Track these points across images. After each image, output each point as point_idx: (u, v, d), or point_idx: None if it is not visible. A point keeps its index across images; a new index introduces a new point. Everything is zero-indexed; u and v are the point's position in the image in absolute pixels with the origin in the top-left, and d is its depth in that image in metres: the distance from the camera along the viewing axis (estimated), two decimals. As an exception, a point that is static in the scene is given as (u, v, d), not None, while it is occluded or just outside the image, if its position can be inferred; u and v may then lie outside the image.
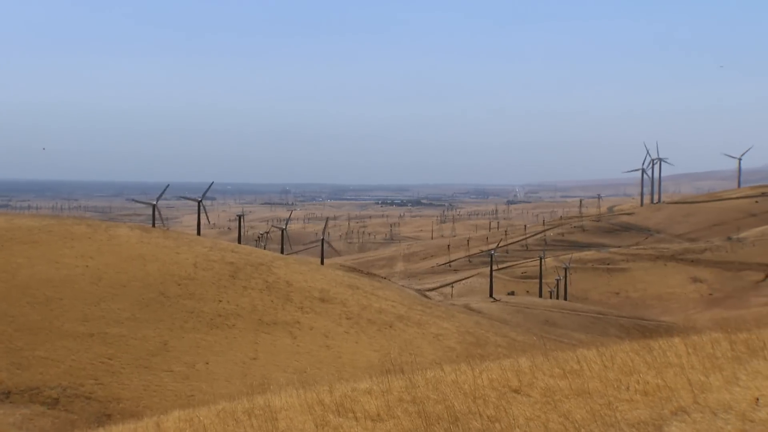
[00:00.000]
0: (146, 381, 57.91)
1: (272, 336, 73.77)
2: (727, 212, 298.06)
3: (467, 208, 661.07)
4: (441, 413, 15.36)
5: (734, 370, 15.82)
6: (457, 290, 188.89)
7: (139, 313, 71.89)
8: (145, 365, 61.07)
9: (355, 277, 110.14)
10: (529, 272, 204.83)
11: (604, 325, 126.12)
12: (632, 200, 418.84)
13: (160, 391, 56.39)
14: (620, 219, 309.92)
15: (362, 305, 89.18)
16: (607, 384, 16.10)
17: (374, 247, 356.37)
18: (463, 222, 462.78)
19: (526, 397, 16.10)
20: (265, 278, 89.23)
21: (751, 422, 12.69)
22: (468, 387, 17.17)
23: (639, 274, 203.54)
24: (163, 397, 54.79)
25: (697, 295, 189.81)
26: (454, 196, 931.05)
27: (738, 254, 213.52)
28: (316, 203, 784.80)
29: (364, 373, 23.02)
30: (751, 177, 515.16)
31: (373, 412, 16.34)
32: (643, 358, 17.92)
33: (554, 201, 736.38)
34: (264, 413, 17.54)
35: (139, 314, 71.55)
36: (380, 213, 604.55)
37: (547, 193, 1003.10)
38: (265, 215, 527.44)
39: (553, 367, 18.19)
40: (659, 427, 13.09)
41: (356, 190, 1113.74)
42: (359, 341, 76.89)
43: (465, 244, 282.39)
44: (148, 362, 61.85)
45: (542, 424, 13.98)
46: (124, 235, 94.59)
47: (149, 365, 61.28)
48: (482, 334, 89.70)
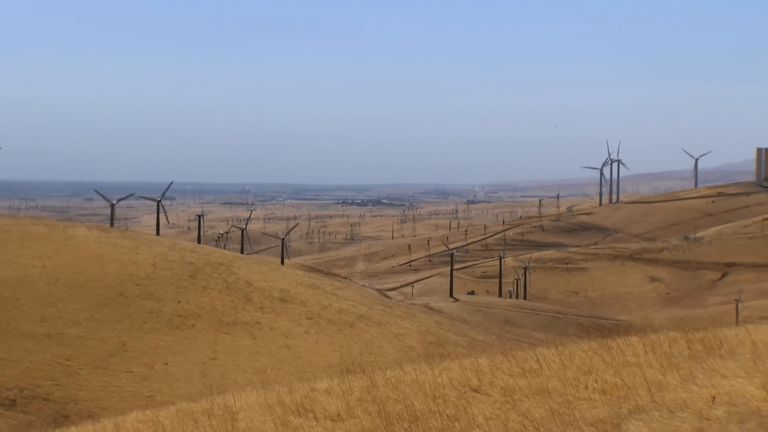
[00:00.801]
0: (104, 382, 57.50)
1: (232, 336, 73.51)
2: (684, 212, 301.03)
3: (428, 208, 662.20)
4: (401, 413, 15.38)
5: (691, 369, 15.98)
6: (418, 290, 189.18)
7: (97, 313, 71.34)
8: (104, 366, 60.63)
9: (316, 277, 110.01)
10: (489, 272, 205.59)
11: (563, 324, 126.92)
12: (591, 200, 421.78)
13: (119, 392, 56.04)
14: (579, 219, 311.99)
15: (323, 305, 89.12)
16: (566, 383, 16.20)
17: (335, 247, 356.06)
18: (423, 222, 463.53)
19: (486, 396, 16.16)
20: (225, 278, 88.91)
21: (707, 420, 12.82)
22: (428, 386, 17.20)
23: (598, 274, 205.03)
24: (121, 398, 54.44)
25: (654, 294, 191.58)
26: (414, 196, 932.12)
27: (695, 254, 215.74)
28: (277, 203, 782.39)
29: (324, 373, 23.00)
30: (708, 177, 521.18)
31: (334, 412, 16.32)
32: (601, 357, 18.04)
33: (514, 201, 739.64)
34: (223, 414, 17.47)
35: (97, 315, 71.00)
36: (341, 213, 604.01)
37: (506, 192, 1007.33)
38: (225, 215, 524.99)
39: (512, 366, 18.27)
40: (617, 425, 13.19)
41: (316, 190, 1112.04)
42: (320, 341, 76.84)
43: (425, 244, 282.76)
44: (107, 363, 61.41)
45: (502, 423, 14.04)
46: (82, 235, 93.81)
47: (108, 366, 60.84)
48: (442, 334, 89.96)
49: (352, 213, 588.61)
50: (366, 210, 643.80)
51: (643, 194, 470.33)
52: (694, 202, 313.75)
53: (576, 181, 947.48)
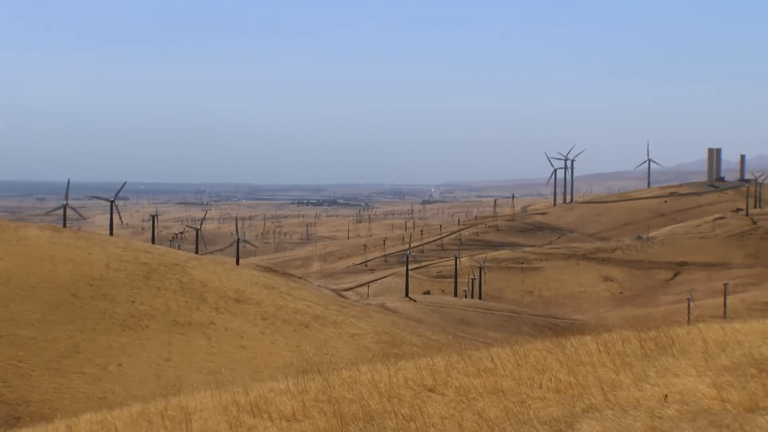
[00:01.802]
0: (57, 383, 56.93)
1: (186, 337, 73.12)
2: (637, 212, 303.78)
3: (383, 208, 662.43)
4: (356, 413, 15.38)
5: (644, 368, 16.12)
6: (373, 290, 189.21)
7: (49, 314, 70.62)
8: (56, 367, 60.04)
9: (271, 277, 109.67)
10: (445, 272, 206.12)
11: (518, 323, 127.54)
12: (545, 200, 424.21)
13: (72, 393, 55.51)
14: (534, 218, 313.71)
15: (278, 305, 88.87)
16: (520, 382, 16.28)
17: (290, 247, 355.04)
18: (379, 222, 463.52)
19: (441, 395, 16.20)
20: (179, 279, 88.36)
21: (659, 419, 12.94)
22: (383, 386, 17.21)
23: (552, 273, 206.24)
24: (74, 399, 53.93)
25: (608, 293, 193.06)
26: (370, 196, 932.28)
27: (648, 253, 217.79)
28: (232, 203, 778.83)
29: (279, 374, 22.93)
30: (661, 177, 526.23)
31: (289, 413, 16.29)
32: (555, 356, 18.15)
33: (469, 201, 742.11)
34: (178, 415, 17.37)
35: (49, 316, 70.29)
36: (296, 213, 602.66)
37: (462, 193, 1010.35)
38: (179, 215, 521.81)
39: (467, 365, 18.33)
40: (571, 424, 13.28)
41: (272, 190, 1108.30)
42: (275, 341, 76.64)
43: (381, 244, 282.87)
44: (59, 364, 60.82)
45: (457, 422, 14.08)
46: (34, 235, 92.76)
47: (60, 367, 60.26)
48: (398, 334, 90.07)
49: (307, 213, 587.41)
50: (321, 210, 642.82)
51: (596, 194, 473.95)
52: (646, 202, 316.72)
53: (531, 181, 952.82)
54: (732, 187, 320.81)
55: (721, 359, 16.09)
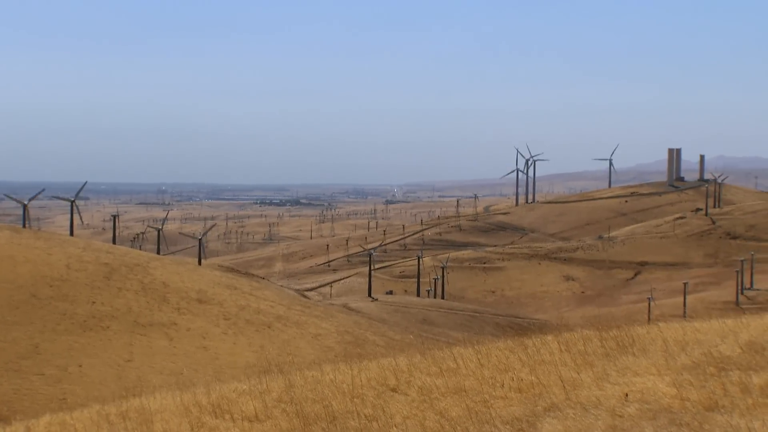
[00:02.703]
0: (16, 385, 56.41)
1: (148, 338, 72.72)
2: (598, 212, 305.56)
3: (346, 208, 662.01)
4: (319, 413, 15.37)
5: (605, 367, 16.24)
6: (336, 290, 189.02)
7: (8, 315, 69.96)
8: (15, 368, 59.51)
9: (233, 277, 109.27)
10: (408, 271, 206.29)
11: (480, 323, 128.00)
12: (508, 200, 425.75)
13: (31, 394, 55.02)
14: (496, 218, 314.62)
15: (240, 306, 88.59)
16: (482, 382, 16.34)
17: (253, 247, 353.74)
18: (342, 222, 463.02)
19: (404, 395, 16.22)
20: (140, 279, 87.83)
21: (620, 417, 13.03)
22: (346, 386, 17.21)
23: (514, 273, 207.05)
24: (34, 400, 53.46)
25: (569, 293, 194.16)
26: (333, 196, 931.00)
27: (609, 253, 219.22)
28: (194, 203, 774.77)
29: (242, 374, 22.86)
30: (622, 177, 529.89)
31: (251, 413, 16.25)
32: (517, 355, 18.24)
33: (432, 201, 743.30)
34: (139, 416, 17.27)
35: (8, 316, 69.63)
36: (259, 213, 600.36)
37: (425, 193, 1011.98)
38: (140, 215, 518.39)
39: (430, 365, 18.37)
40: (532, 423, 13.34)
41: (234, 190, 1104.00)
42: (237, 342, 76.42)
43: (344, 244, 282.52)
44: (18, 365, 60.28)
45: (419, 422, 14.11)
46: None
47: (19, 368, 59.72)
48: (361, 334, 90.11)
49: (270, 213, 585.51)
50: (284, 210, 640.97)
51: (558, 194, 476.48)
52: (607, 201, 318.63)
53: (493, 181, 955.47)
54: (692, 187, 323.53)
55: (681, 358, 16.24)
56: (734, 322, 19.91)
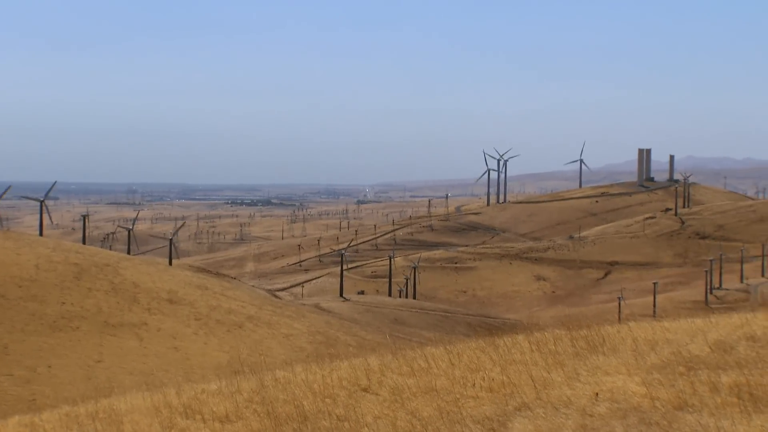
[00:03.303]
0: (-15, 386, 55.96)
1: (118, 338, 72.38)
2: (569, 212, 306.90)
3: (318, 208, 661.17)
4: (290, 413, 15.34)
5: (575, 366, 16.30)
6: (308, 290, 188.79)
7: (-23, 316, 69.38)
8: (-16, 370, 59.01)
9: (204, 277, 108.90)
10: (379, 271, 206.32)
11: (451, 323, 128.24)
12: (479, 200, 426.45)
13: (0, 395, 54.60)
14: (468, 218, 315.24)
15: (211, 306, 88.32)
16: (453, 381, 16.37)
17: (224, 247, 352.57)
18: (313, 222, 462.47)
19: (375, 395, 16.22)
20: (110, 279, 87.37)
21: (590, 417, 13.09)
22: (318, 387, 17.19)
23: (485, 273, 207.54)
24: (2, 401, 53.09)
25: (540, 292, 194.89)
26: (304, 196, 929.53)
27: (579, 253, 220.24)
28: (164, 203, 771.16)
29: (213, 375, 22.80)
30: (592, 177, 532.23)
31: (222, 414, 16.20)
32: (488, 355, 18.28)
33: (404, 201, 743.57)
34: (109, 417, 17.18)
35: (-23, 317, 69.06)
36: (230, 213, 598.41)
37: (396, 193, 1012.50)
38: (111, 215, 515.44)
39: (401, 365, 18.39)
40: (503, 423, 13.38)
41: (205, 190, 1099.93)
42: (208, 342, 76.19)
43: (316, 244, 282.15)
44: (-13, 367, 59.78)
45: (390, 422, 14.11)
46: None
47: (-12, 370, 59.23)
48: (332, 334, 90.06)
49: (241, 213, 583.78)
50: (256, 210, 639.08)
51: (529, 194, 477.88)
52: (578, 202, 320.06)
53: (465, 181, 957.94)
54: (661, 188, 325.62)
55: (651, 358, 16.34)
56: (703, 322, 20.05)
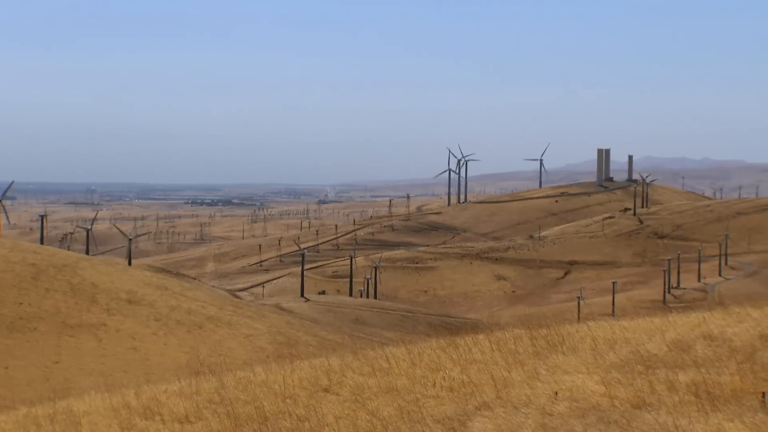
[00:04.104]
0: (-60, 388, 55.29)
1: (77, 339, 71.78)
2: (529, 212, 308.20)
3: (278, 208, 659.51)
4: (251, 414, 15.30)
5: (535, 366, 16.38)
6: (269, 290, 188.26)
7: (-68, 317, 68.56)
8: (-60, 372, 58.32)
9: (164, 277, 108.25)
10: (340, 271, 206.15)
11: (412, 322, 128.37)
12: (440, 200, 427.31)
13: (-44, 398, 53.94)
14: (428, 218, 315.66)
15: (171, 306, 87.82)
16: (414, 381, 16.39)
17: (184, 247, 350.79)
18: (274, 222, 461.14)
19: (336, 395, 16.21)
20: (69, 280, 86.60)
21: (550, 416, 13.15)
22: (278, 387, 17.15)
23: (446, 273, 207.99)
24: (-41, 404, 52.39)
25: (501, 292, 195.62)
26: (265, 196, 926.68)
27: (539, 252, 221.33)
28: (124, 203, 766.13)
29: (172, 375, 22.67)
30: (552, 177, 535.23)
31: (181, 414, 16.12)
32: (449, 354, 18.33)
33: (365, 201, 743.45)
34: (67, 418, 17.03)
35: (-68, 318, 68.24)
36: (190, 213, 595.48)
37: (357, 192, 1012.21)
38: (69, 215, 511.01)
39: (362, 365, 18.39)
40: (464, 422, 13.41)
41: (165, 190, 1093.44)
42: (168, 343, 75.76)
43: (276, 244, 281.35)
44: (-57, 369, 59.09)
45: (351, 422, 14.11)
46: None
47: (-56, 372, 58.55)
48: (293, 334, 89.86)
49: (201, 213, 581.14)
50: (216, 210, 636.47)
51: (489, 194, 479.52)
52: (538, 201, 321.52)
53: (425, 181, 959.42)
54: (620, 188, 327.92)
55: (610, 357, 16.45)
56: (661, 321, 20.22)
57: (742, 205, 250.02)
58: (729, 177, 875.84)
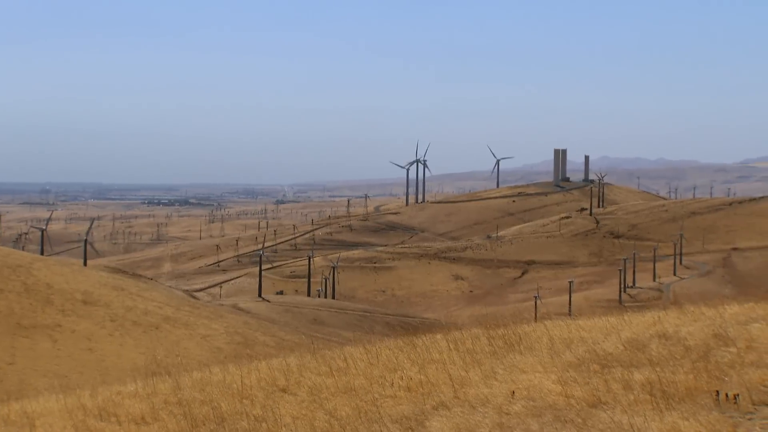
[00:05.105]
0: None
1: (31, 340, 71.05)
2: (486, 212, 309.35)
3: (236, 208, 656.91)
4: (207, 414, 15.22)
5: (492, 365, 16.44)
6: (226, 290, 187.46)
7: None
8: None
9: (120, 278, 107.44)
10: (298, 271, 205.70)
11: (370, 322, 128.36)
12: (398, 200, 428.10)
13: None
14: (387, 218, 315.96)
15: (127, 307, 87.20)
16: (372, 381, 16.39)
17: (140, 247, 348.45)
18: (232, 222, 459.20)
19: (293, 396, 16.18)
20: (23, 280, 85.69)
21: (507, 415, 13.20)
22: (236, 387, 17.10)
23: (404, 272, 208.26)
24: None
25: (458, 292, 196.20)
26: (223, 196, 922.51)
27: (497, 252, 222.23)
28: (79, 203, 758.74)
29: (128, 376, 22.49)
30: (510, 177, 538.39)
31: (138, 416, 16.02)
32: (407, 354, 18.35)
33: (323, 200, 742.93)
34: (20, 420, 16.86)
35: None
36: (147, 213, 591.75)
37: (315, 192, 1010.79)
38: (24, 215, 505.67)
39: (320, 365, 18.38)
40: (421, 422, 13.42)
41: (121, 190, 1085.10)
42: (124, 344, 75.22)
43: (234, 244, 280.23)
44: None
45: (309, 422, 14.08)
46: None
47: None
48: (251, 334, 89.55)
49: (158, 213, 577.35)
50: (173, 210, 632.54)
51: (447, 194, 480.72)
52: (495, 201, 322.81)
53: (384, 181, 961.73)
54: (577, 188, 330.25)
55: (566, 356, 16.56)
56: (617, 320, 20.39)
57: (696, 205, 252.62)
58: (683, 177, 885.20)
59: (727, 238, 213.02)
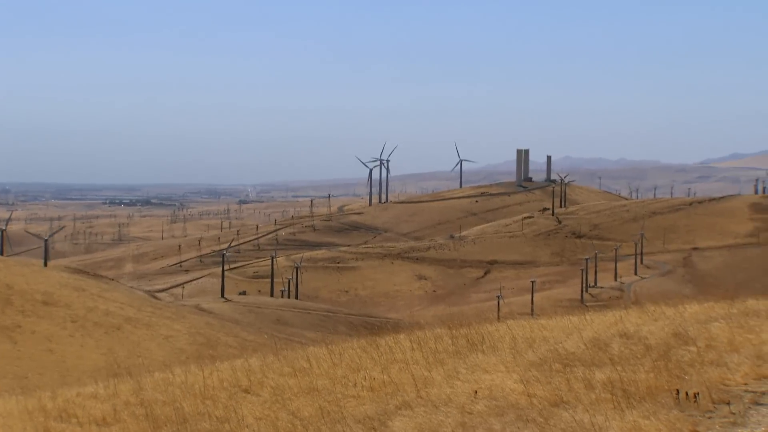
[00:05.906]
0: None
1: (-10, 341, 70.38)
2: (449, 212, 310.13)
3: (199, 208, 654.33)
4: (169, 415, 15.16)
5: (455, 365, 16.49)
6: (188, 291, 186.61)
7: None
8: None
9: (81, 278, 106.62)
10: (261, 272, 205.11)
11: (333, 323, 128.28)
12: (361, 200, 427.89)
13: None
14: (350, 218, 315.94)
15: (88, 307, 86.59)
16: (335, 381, 16.40)
17: (102, 248, 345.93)
18: (194, 222, 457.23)
19: (256, 396, 16.16)
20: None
21: (469, 414, 13.23)
22: (198, 388, 17.04)
23: (368, 272, 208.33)
24: None
25: (422, 292, 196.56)
26: (185, 196, 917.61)
27: (460, 252, 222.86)
28: (39, 203, 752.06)
29: (89, 378, 22.37)
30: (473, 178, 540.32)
31: (99, 417, 15.92)
32: (370, 354, 18.37)
33: (286, 201, 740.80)
34: (-21, 423, 16.69)
35: None
36: (108, 213, 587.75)
37: (278, 192, 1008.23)
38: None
39: (283, 365, 18.36)
40: (384, 422, 13.43)
41: (82, 190, 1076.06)
42: (85, 345, 74.69)
43: (197, 244, 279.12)
44: None
45: (271, 423, 14.05)
46: None
47: None
48: (213, 335, 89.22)
49: (120, 213, 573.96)
50: (135, 210, 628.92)
51: (410, 194, 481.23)
52: (458, 201, 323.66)
53: (347, 181, 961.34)
54: (539, 188, 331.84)
55: (528, 355, 16.64)
56: (579, 320, 20.53)
57: (657, 205, 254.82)
58: (644, 177, 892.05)
59: (688, 238, 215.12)
